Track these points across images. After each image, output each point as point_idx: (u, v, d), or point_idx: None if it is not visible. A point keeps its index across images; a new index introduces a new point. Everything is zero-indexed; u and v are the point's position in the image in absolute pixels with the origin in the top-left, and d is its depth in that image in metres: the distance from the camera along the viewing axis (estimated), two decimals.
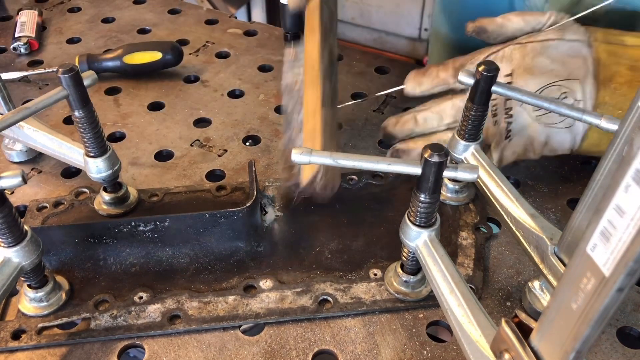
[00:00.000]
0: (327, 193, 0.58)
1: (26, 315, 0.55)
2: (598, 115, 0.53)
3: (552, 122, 0.62)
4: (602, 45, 0.61)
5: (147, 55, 0.87)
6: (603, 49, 0.61)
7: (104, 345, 0.53)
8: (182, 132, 0.79)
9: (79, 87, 0.54)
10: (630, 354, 0.52)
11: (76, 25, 1.03)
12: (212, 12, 1.08)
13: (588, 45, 0.61)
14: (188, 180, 0.71)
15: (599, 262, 0.27)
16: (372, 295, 0.57)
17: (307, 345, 0.53)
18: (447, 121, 0.65)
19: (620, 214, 0.26)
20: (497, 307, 0.57)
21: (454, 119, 0.65)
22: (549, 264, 0.51)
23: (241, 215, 0.59)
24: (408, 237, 0.51)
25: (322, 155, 0.49)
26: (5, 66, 0.91)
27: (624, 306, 0.56)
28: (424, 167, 0.46)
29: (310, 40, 0.68)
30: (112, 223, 0.59)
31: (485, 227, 0.64)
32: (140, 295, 0.57)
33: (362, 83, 0.89)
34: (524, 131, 0.63)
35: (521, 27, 0.66)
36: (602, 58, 0.60)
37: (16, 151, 0.73)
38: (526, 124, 0.63)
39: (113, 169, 0.61)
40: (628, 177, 0.25)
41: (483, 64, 0.55)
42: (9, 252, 0.49)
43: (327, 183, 0.57)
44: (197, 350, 0.53)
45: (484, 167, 0.59)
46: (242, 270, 0.60)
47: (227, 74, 0.91)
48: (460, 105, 0.64)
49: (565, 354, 0.32)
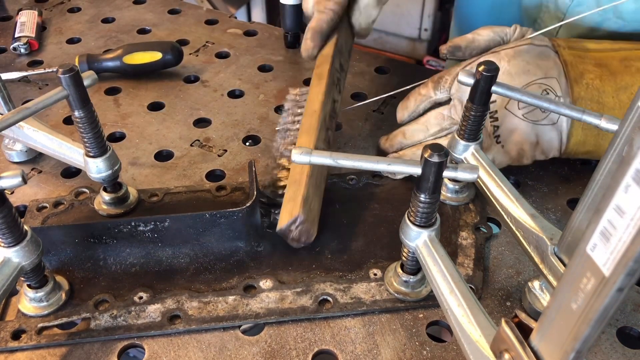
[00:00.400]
0: (301, 241, 0.60)
1: (26, 315, 0.55)
2: (598, 115, 0.53)
3: (537, 119, 0.63)
4: (566, 50, 0.65)
5: (147, 55, 0.87)
6: (568, 53, 0.64)
7: (104, 345, 0.53)
8: (182, 132, 0.79)
9: (79, 87, 0.54)
10: (630, 354, 0.52)
11: (76, 25, 1.03)
12: (212, 12, 1.09)
13: (554, 51, 0.65)
14: (188, 180, 0.71)
15: (599, 262, 0.27)
16: (372, 295, 0.57)
17: (307, 345, 0.53)
18: (433, 130, 0.67)
19: (620, 214, 0.26)
20: (497, 307, 0.57)
21: (440, 127, 0.67)
22: (549, 264, 0.51)
23: (241, 216, 0.59)
24: (408, 237, 0.51)
25: (322, 155, 0.49)
26: (5, 66, 0.91)
27: (624, 306, 0.56)
28: (423, 167, 0.46)
29: (316, 86, 0.69)
30: (112, 223, 0.59)
31: (485, 227, 0.64)
32: (140, 295, 0.57)
33: (362, 83, 0.89)
34: (514, 133, 0.64)
35: (492, 38, 0.69)
36: (568, 60, 0.64)
37: (16, 151, 0.73)
38: (514, 126, 0.64)
39: (113, 169, 0.61)
40: (628, 177, 0.25)
41: (483, 64, 0.55)
42: (8, 252, 0.49)
43: (302, 233, 0.59)
44: (197, 350, 0.53)
45: (484, 167, 0.60)
46: (242, 270, 0.60)
47: (227, 74, 0.91)
48: (444, 113, 0.66)
49: (565, 354, 0.32)
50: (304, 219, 0.57)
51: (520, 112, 0.63)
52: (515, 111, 0.64)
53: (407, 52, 2.61)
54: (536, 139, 0.64)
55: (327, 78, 0.69)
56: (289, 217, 0.57)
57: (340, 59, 0.75)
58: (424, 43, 2.56)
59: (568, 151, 0.65)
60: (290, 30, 0.96)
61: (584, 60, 0.64)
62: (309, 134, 0.63)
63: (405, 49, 2.61)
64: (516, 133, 0.64)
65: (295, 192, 0.59)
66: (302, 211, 0.57)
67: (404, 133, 0.69)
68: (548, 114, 0.63)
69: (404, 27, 2.53)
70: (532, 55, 0.64)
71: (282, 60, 0.94)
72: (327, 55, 0.73)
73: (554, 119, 0.63)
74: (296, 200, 0.58)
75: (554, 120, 0.63)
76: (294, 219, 0.57)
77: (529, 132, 0.63)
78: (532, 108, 0.63)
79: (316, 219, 0.61)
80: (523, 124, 0.63)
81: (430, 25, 2.48)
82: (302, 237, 0.59)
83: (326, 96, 0.68)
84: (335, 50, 0.74)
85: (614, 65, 0.63)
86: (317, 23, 0.74)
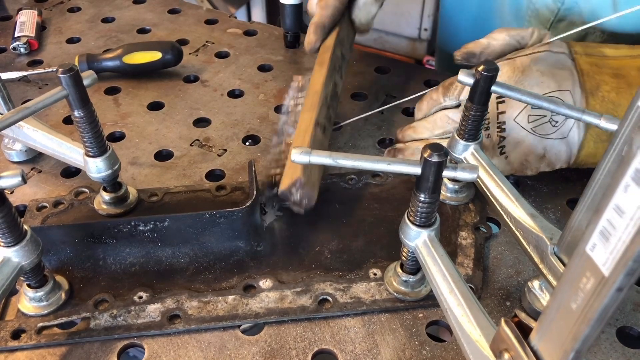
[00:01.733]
0: (303, 204, 0.61)
1: (26, 314, 0.55)
2: (598, 114, 0.53)
3: (546, 132, 0.62)
4: (583, 57, 0.63)
5: (146, 55, 0.87)
6: (585, 61, 0.63)
7: (104, 345, 0.53)
8: (181, 132, 0.79)
9: (78, 87, 0.54)
10: (630, 354, 0.52)
11: (76, 25, 1.03)
12: (212, 12, 1.09)
13: (571, 58, 0.64)
14: (188, 180, 0.71)
15: (599, 261, 0.27)
16: (371, 295, 0.57)
17: (306, 345, 0.53)
18: (438, 132, 0.68)
19: (619, 213, 0.26)
20: (497, 307, 0.57)
21: (443, 130, 0.67)
22: (549, 263, 0.51)
23: (241, 215, 0.59)
24: (408, 236, 0.52)
25: (322, 155, 0.49)
26: (5, 66, 0.91)
27: (624, 306, 0.56)
28: (423, 167, 0.46)
29: (317, 71, 0.73)
30: (112, 223, 0.59)
31: (484, 227, 0.64)
32: (140, 294, 0.57)
33: (362, 83, 0.89)
34: (520, 145, 0.64)
35: (507, 42, 0.68)
36: (584, 69, 0.62)
37: (16, 151, 0.73)
38: (521, 138, 0.63)
39: (113, 168, 0.61)
40: (627, 177, 0.25)
41: (482, 64, 0.55)
42: (8, 252, 0.49)
43: (304, 195, 0.60)
44: (197, 350, 0.53)
45: (484, 167, 0.59)
46: (242, 270, 0.60)
47: (226, 74, 0.91)
48: (450, 116, 0.67)
49: (564, 354, 0.32)
50: (304, 182, 0.59)
51: (530, 125, 0.63)
52: (525, 124, 0.63)
53: (407, 52, 2.62)
54: (543, 151, 0.63)
55: (328, 64, 0.73)
56: (289, 180, 0.59)
57: (342, 49, 0.78)
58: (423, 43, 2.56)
59: (578, 162, 0.64)
60: (290, 30, 0.96)
61: (601, 70, 0.62)
62: (311, 110, 0.67)
63: (405, 49, 2.62)
64: (522, 146, 0.63)
65: None
66: (303, 175, 0.59)
67: (414, 128, 0.70)
68: (558, 127, 0.62)
69: (404, 27, 2.53)
70: (548, 64, 0.63)
71: (282, 60, 0.94)
72: (329, 46, 0.77)
73: (564, 133, 0.62)
74: (297, 166, 0.60)
75: (565, 133, 0.62)
76: (295, 181, 0.59)
77: (535, 145, 0.63)
78: (542, 122, 0.62)
79: (316, 185, 0.63)
80: (530, 137, 0.63)
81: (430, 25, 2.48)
82: (303, 199, 0.60)
83: (327, 79, 0.71)
84: (337, 41, 0.77)
85: (631, 75, 0.61)
86: (319, 18, 0.77)
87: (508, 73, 0.63)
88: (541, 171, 0.65)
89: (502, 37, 0.68)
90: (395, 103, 0.82)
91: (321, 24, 0.77)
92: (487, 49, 0.68)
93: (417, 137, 0.70)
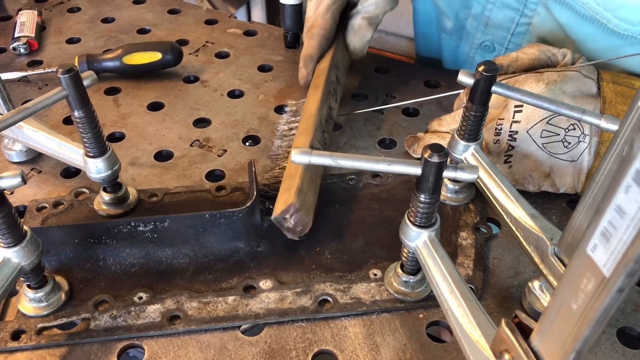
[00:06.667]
0: (296, 231, 0.60)
1: (26, 315, 0.55)
2: (598, 115, 0.53)
3: (556, 151, 0.62)
4: (610, 85, 0.63)
5: (146, 55, 0.87)
6: (610, 89, 0.63)
7: (104, 346, 0.53)
8: (181, 132, 0.79)
9: (78, 87, 0.54)
10: (630, 354, 0.52)
11: (76, 25, 1.03)
12: (211, 12, 1.08)
13: (597, 85, 0.63)
14: (188, 180, 0.71)
15: (599, 262, 0.27)
16: (372, 296, 0.57)
17: (307, 345, 0.53)
18: (454, 127, 0.68)
19: (620, 214, 0.26)
20: (497, 308, 0.57)
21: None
22: (549, 264, 0.51)
23: (241, 216, 0.59)
24: (408, 237, 0.51)
25: (322, 156, 0.49)
26: (4, 66, 0.91)
27: (624, 306, 0.56)
28: (423, 167, 0.46)
29: (312, 95, 0.74)
30: (112, 223, 0.59)
31: (485, 227, 0.64)
32: (140, 295, 0.57)
33: (362, 83, 0.89)
34: (527, 159, 0.63)
35: (537, 57, 0.67)
36: (608, 97, 0.62)
37: (16, 151, 0.73)
38: (530, 151, 0.63)
39: (112, 169, 0.61)
40: (628, 177, 0.25)
41: (483, 64, 0.55)
42: (8, 253, 0.49)
43: (298, 221, 0.59)
44: (197, 351, 0.53)
45: (484, 167, 0.59)
46: (242, 270, 0.59)
47: (226, 74, 0.90)
48: None
49: (565, 355, 0.32)
50: (298, 207, 0.58)
51: (542, 140, 0.62)
52: (537, 138, 0.62)
53: (407, 52, 2.61)
54: (549, 170, 0.63)
55: (322, 87, 0.74)
56: (283, 205, 0.58)
57: (337, 72, 0.80)
58: None
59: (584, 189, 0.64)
60: (290, 30, 0.96)
61: (625, 100, 0.61)
62: (306, 134, 0.66)
63: (405, 49, 2.61)
64: (529, 159, 0.63)
65: (290, 184, 0.60)
66: (297, 200, 0.58)
67: (440, 121, 0.71)
68: (569, 150, 0.61)
69: (404, 27, 2.52)
70: (573, 85, 0.63)
71: (282, 60, 0.94)
72: (324, 69, 0.78)
73: (574, 156, 0.62)
74: (291, 191, 0.59)
75: (575, 157, 0.62)
76: (288, 207, 0.58)
77: (543, 162, 0.63)
78: (554, 140, 0.62)
79: (311, 210, 0.62)
80: (540, 152, 0.62)
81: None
82: (297, 226, 0.59)
83: (322, 102, 0.72)
84: (332, 64, 0.78)
85: None
86: (307, 50, 0.80)
87: (531, 85, 0.63)
88: (543, 190, 0.64)
89: (532, 52, 0.67)
90: (396, 105, 0.82)
91: (309, 56, 0.80)
92: (515, 61, 0.67)
93: (439, 129, 0.71)
